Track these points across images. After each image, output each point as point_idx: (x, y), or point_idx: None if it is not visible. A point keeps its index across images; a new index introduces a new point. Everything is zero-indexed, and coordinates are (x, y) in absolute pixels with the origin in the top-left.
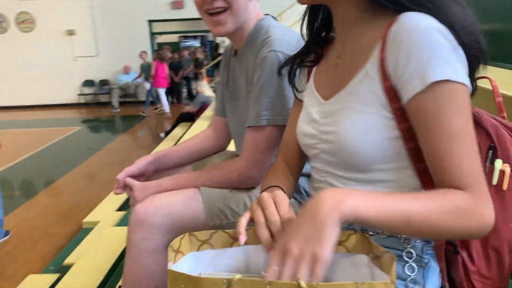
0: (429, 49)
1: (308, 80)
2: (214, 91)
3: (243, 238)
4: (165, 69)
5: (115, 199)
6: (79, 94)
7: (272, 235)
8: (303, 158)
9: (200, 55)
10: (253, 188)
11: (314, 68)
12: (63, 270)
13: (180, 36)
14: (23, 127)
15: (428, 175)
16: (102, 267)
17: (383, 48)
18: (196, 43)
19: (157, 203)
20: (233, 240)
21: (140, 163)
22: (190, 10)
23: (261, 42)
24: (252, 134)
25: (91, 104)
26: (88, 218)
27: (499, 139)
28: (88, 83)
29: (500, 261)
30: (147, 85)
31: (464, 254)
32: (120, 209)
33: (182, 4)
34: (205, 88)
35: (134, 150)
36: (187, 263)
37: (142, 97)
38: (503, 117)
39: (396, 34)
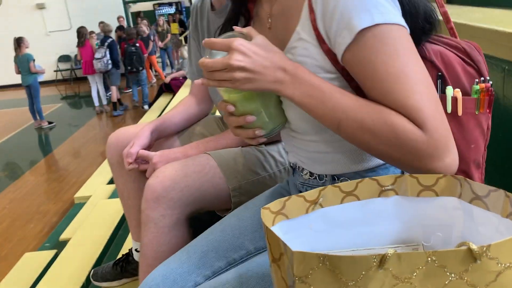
0: None
1: None
2: None
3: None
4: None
5: (105, 173)
6: (55, 71)
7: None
8: None
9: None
10: (263, 143)
11: None
12: (60, 246)
13: (154, 4)
14: (2, 108)
15: None
16: (99, 240)
17: (310, 7)
18: (171, 10)
19: (173, 175)
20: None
21: (147, 132)
22: None
23: None
24: None
25: (69, 80)
26: (80, 193)
27: (446, 64)
28: (63, 58)
29: (470, 178)
30: None
31: None
32: (111, 182)
33: None
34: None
35: (118, 125)
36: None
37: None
38: (451, 28)
39: None
